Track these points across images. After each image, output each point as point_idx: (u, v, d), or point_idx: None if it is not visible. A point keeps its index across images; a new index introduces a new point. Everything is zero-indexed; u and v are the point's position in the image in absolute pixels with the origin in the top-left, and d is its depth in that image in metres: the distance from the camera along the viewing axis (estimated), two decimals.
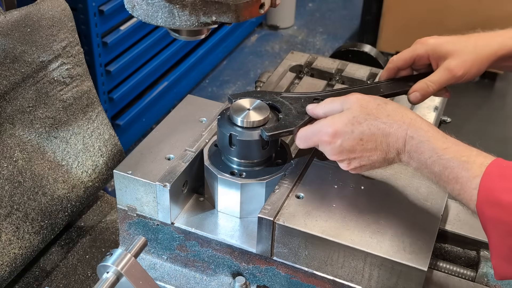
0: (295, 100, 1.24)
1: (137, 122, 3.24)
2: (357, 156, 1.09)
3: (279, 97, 1.25)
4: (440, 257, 1.23)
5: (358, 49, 1.81)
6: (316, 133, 1.12)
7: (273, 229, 1.11)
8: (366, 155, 1.08)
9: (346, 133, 1.07)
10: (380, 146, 1.06)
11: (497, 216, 0.92)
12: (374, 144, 1.07)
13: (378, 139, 1.06)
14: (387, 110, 1.07)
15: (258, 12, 1.13)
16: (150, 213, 1.22)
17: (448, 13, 3.80)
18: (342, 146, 1.08)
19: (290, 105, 1.22)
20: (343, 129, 1.08)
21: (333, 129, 1.09)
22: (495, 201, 0.92)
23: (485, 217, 0.94)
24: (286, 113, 1.20)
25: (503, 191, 0.91)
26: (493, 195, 0.92)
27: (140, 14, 1.11)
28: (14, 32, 1.35)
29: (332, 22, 4.68)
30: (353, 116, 1.08)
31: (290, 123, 1.17)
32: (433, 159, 1.01)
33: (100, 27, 2.80)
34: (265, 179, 1.19)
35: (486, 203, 0.93)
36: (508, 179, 0.92)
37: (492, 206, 0.92)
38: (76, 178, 1.47)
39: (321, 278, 1.13)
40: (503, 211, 0.91)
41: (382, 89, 1.28)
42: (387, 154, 1.07)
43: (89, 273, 1.43)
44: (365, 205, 1.14)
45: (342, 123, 1.08)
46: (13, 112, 1.38)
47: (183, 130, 1.32)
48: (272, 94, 1.26)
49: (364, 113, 1.07)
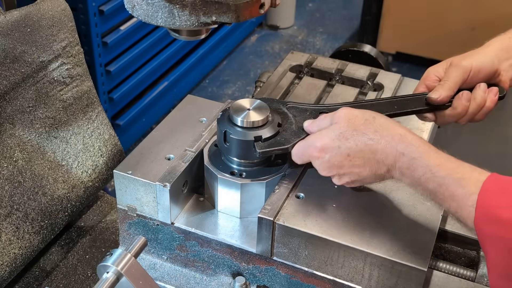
0: (300, 112, 1.23)
1: (137, 122, 3.24)
2: (346, 172, 1.08)
3: (285, 107, 1.24)
4: (440, 257, 1.23)
5: (358, 49, 1.81)
6: (306, 148, 1.12)
7: (273, 229, 1.11)
8: (356, 171, 1.07)
9: (333, 148, 1.07)
10: (369, 163, 1.05)
11: (496, 233, 0.90)
12: (362, 160, 1.05)
13: (366, 156, 1.05)
14: (375, 126, 1.05)
15: (258, 12, 1.13)
16: (150, 213, 1.22)
17: (448, 13, 3.80)
18: (330, 161, 1.08)
19: (293, 118, 1.21)
20: (330, 144, 1.07)
21: (320, 143, 1.08)
22: (493, 218, 0.90)
23: (484, 234, 0.92)
24: (286, 127, 1.19)
25: (502, 207, 0.89)
26: (491, 212, 0.90)
27: (140, 14, 1.11)
28: (14, 32, 1.35)
29: (332, 22, 4.68)
30: (340, 131, 1.06)
31: (285, 141, 1.16)
32: (427, 177, 0.99)
33: (100, 27, 2.80)
34: (265, 179, 1.19)
35: (484, 220, 0.91)
36: (507, 195, 0.91)
37: (491, 223, 0.90)
38: (76, 178, 1.47)
39: (321, 278, 1.13)
40: (502, 227, 0.89)
41: (396, 105, 1.25)
42: (377, 171, 1.05)
43: (89, 273, 1.43)
44: (365, 205, 1.14)
45: (329, 138, 1.07)
46: (13, 112, 1.38)
47: (183, 130, 1.32)
48: (279, 103, 1.25)
49: (351, 128, 1.06)
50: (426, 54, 4.00)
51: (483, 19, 3.75)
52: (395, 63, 4.07)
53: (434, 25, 3.87)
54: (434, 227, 1.10)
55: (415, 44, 3.98)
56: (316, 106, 1.25)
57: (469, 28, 3.81)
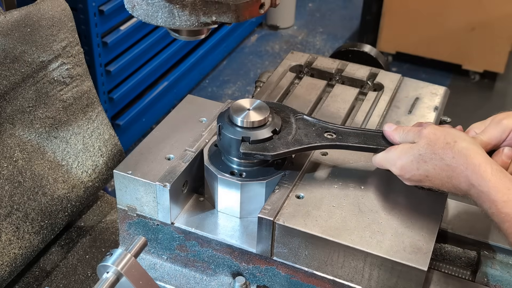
0: (306, 125, 1.23)
1: (137, 122, 3.24)
2: (427, 186, 1.11)
3: (294, 117, 1.24)
4: (440, 257, 1.23)
5: (358, 49, 1.81)
6: (386, 163, 1.15)
7: (273, 229, 1.11)
8: (435, 188, 1.10)
9: (412, 169, 1.10)
10: (446, 185, 1.07)
11: None
12: (440, 182, 1.08)
13: (443, 179, 1.07)
14: (454, 151, 1.05)
15: (258, 12, 1.13)
16: (150, 213, 1.22)
17: (448, 13, 3.81)
18: (410, 179, 1.11)
19: (295, 130, 1.21)
20: (409, 166, 1.10)
21: (400, 164, 1.11)
22: None
23: None
24: (281, 136, 1.19)
25: None
26: None
27: (140, 14, 1.11)
28: (14, 32, 1.35)
29: (332, 22, 4.68)
30: (419, 153, 1.09)
31: (273, 148, 1.16)
32: (492, 211, 1.00)
33: (100, 27, 2.80)
34: (265, 179, 1.19)
35: None
36: None
37: None
38: (76, 178, 1.47)
39: (321, 278, 1.13)
40: None
41: None
42: (454, 191, 1.08)
43: (89, 273, 1.43)
44: (365, 205, 1.14)
45: (408, 160, 1.10)
46: (13, 112, 1.38)
47: (183, 130, 1.32)
48: (289, 112, 1.25)
49: (430, 151, 1.07)
50: (426, 54, 4.00)
51: (483, 19, 3.75)
52: (395, 63, 4.07)
53: (434, 25, 3.87)
54: (434, 227, 1.11)
55: (415, 44, 3.98)
56: (324, 123, 1.24)
57: (469, 28, 3.81)
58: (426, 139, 1.09)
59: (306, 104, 1.50)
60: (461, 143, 1.06)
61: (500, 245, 1.19)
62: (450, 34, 3.87)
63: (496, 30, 3.75)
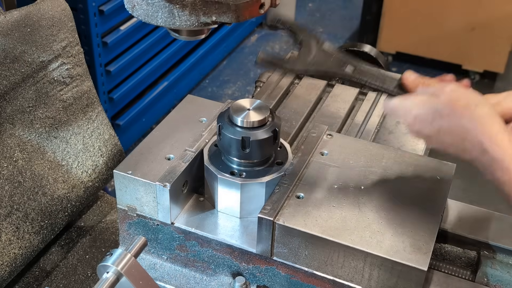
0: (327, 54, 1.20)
1: (137, 122, 3.24)
2: (433, 142, 1.08)
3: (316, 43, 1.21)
4: (440, 257, 1.23)
5: (358, 49, 1.81)
6: (401, 109, 1.10)
7: (273, 229, 1.11)
8: (441, 146, 1.07)
9: (425, 121, 1.06)
10: (455, 145, 1.04)
11: None
12: (451, 140, 1.05)
13: (454, 138, 1.04)
14: (473, 115, 1.03)
15: (258, 12, 1.13)
16: (150, 213, 1.22)
17: (448, 13, 3.81)
18: (420, 132, 1.08)
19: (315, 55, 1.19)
20: (423, 117, 1.06)
21: (415, 113, 1.07)
22: None
23: None
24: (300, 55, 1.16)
25: None
26: None
27: (140, 14, 1.11)
28: (14, 32, 1.35)
29: (332, 22, 4.68)
30: (437, 108, 1.05)
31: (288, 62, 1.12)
32: (505, 179, 0.98)
33: (100, 27, 2.80)
34: (265, 179, 1.19)
35: None
36: None
37: None
38: (76, 178, 1.47)
39: (321, 278, 1.13)
40: None
41: None
42: (460, 154, 1.05)
43: (89, 273, 1.43)
44: (365, 205, 1.14)
45: (424, 111, 1.06)
46: (13, 112, 1.38)
47: (183, 130, 1.32)
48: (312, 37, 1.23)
49: (450, 108, 1.04)
50: (426, 54, 4.00)
51: (483, 19, 3.75)
52: (395, 63, 4.07)
53: (434, 25, 3.87)
54: (434, 227, 1.10)
55: (415, 44, 3.98)
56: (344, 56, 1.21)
57: (469, 28, 3.81)
58: (447, 96, 1.06)
59: (306, 104, 1.50)
60: (483, 108, 1.04)
61: (500, 245, 1.19)
62: (450, 34, 3.87)
63: (496, 30, 3.75)
